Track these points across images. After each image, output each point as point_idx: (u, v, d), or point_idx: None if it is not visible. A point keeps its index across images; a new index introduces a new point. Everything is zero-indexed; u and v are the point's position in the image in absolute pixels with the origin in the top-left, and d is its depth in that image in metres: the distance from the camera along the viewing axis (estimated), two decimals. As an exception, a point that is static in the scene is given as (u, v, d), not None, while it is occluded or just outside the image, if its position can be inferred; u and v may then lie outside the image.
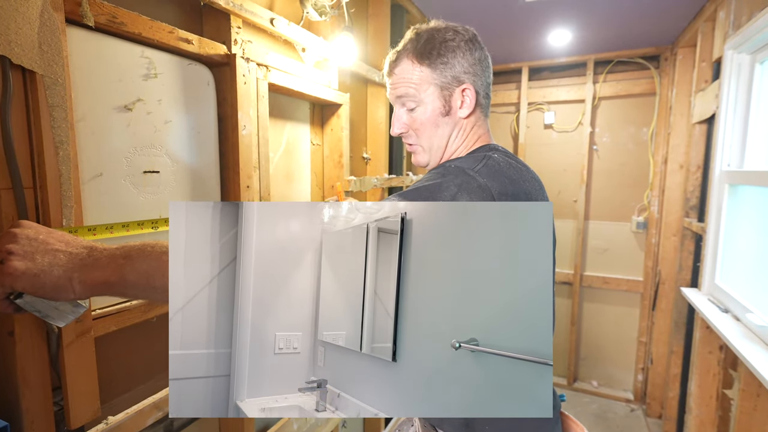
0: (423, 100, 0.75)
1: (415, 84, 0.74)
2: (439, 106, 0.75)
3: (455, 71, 0.74)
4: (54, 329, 0.72)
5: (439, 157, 0.80)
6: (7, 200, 0.66)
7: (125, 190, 0.87)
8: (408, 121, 0.78)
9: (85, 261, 0.54)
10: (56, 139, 0.70)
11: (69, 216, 0.73)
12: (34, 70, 0.67)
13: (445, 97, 0.75)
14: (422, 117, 0.76)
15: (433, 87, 0.74)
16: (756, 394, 1.41)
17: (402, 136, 0.81)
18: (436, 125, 0.76)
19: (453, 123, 0.77)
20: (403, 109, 0.78)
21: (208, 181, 1.08)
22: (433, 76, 0.74)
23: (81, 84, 0.78)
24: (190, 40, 0.97)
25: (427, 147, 0.79)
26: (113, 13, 0.80)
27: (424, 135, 0.77)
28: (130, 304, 0.88)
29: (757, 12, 1.50)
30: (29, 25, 0.66)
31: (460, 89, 0.75)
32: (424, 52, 0.73)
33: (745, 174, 1.61)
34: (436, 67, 0.73)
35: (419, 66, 0.74)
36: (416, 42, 0.75)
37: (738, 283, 1.65)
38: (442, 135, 0.77)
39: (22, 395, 0.69)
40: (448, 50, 0.73)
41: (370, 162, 1.96)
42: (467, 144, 0.79)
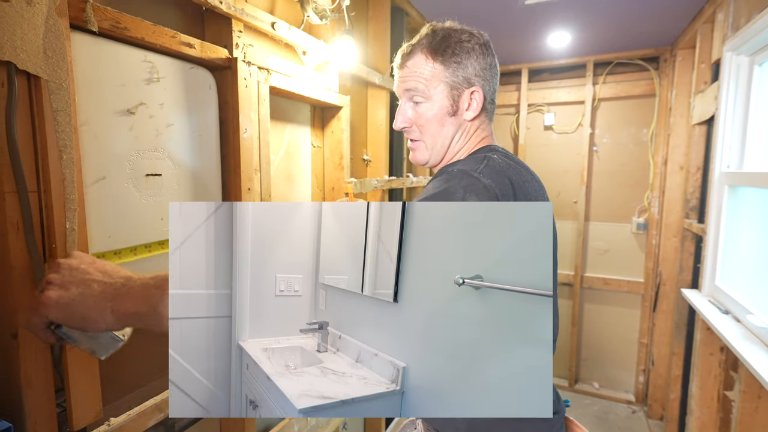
0: (432, 97, 0.75)
1: (426, 79, 0.74)
2: (447, 105, 0.75)
3: (467, 72, 0.74)
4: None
5: (440, 156, 0.79)
6: (12, 204, 0.67)
7: (128, 193, 0.88)
8: (413, 116, 0.77)
9: (120, 291, 0.53)
10: (60, 143, 0.71)
11: (72, 219, 0.73)
12: (38, 75, 0.68)
13: (453, 97, 0.75)
14: (428, 113, 0.75)
15: (443, 85, 0.74)
16: (757, 396, 1.41)
17: (404, 130, 0.81)
18: (442, 124, 0.76)
19: (458, 124, 0.77)
20: (409, 104, 0.77)
21: (210, 184, 1.09)
22: (445, 74, 0.74)
23: (84, 88, 0.79)
24: (192, 45, 0.98)
25: (430, 145, 0.78)
26: (117, 18, 0.81)
27: (428, 132, 0.77)
28: (133, 306, 0.88)
29: (755, 14, 1.51)
30: (34, 31, 0.67)
31: (469, 91, 0.75)
32: (439, 48, 0.73)
33: (745, 175, 1.62)
34: (449, 66, 0.73)
35: (432, 62, 0.74)
36: (432, 38, 0.74)
37: (738, 284, 1.65)
38: (446, 135, 0.77)
39: (26, 397, 0.70)
40: (462, 51, 0.73)
41: (371, 164, 1.97)
42: (469, 147, 0.79)
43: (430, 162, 0.81)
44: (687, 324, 2.25)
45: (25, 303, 0.51)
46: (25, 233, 0.68)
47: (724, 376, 1.73)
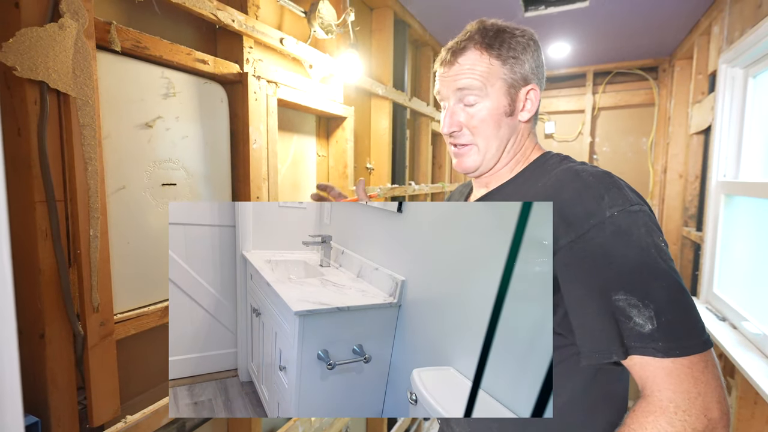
0: (489, 95, 0.67)
1: (483, 76, 0.67)
2: (504, 104, 0.68)
3: (524, 69, 0.68)
4: (80, 332, 0.77)
5: (492, 162, 0.71)
6: (42, 212, 0.72)
7: (145, 202, 0.93)
8: (464, 119, 0.69)
9: None
10: (86, 155, 0.76)
11: (96, 226, 0.78)
12: (68, 93, 0.73)
13: (511, 96, 0.68)
14: (484, 113, 0.68)
15: (501, 82, 0.67)
16: (753, 402, 1.43)
17: (452, 135, 0.72)
18: (498, 125, 0.68)
19: (513, 126, 0.70)
20: (460, 105, 0.70)
21: (221, 193, 1.14)
22: (503, 70, 0.67)
23: (107, 104, 0.84)
24: (206, 61, 1.03)
25: (483, 148, 0.70)
26: (138, 38, 0.86)
27: (482, 134, 0.69)
28: (148, 309, 0.93)
29: (748, 28, 1.55)
30: (65, 53, 0.72)
31: (526, 89, 0.69)
32: (494, 44, 0.67)
33: (740, 185, 1.65)
34: (506, 61, 0.67)
35: (488, 57, 0.67)
36: (484, 33, 0.68)
37: (735, 291, 1.68)
38: (502, 137, 0.69)
39: (51, 394, 0.74)
40: (519, 46, 0.67)
41: (374, 172, 2.02)
42: (525, 152, 0.72)
43: (480, 168, 0.72)
44: (687, 331, 2.27)
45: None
46: (52, 240, 0.73)
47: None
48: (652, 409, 0.51)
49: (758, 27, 1.45)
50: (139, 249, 0.93)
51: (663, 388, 0.51)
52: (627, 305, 0.53)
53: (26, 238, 0.71)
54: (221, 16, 1.04)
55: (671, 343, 0.50)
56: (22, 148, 0.70)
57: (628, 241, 0.54)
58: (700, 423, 0.48)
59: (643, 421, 0.51)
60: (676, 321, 0.51)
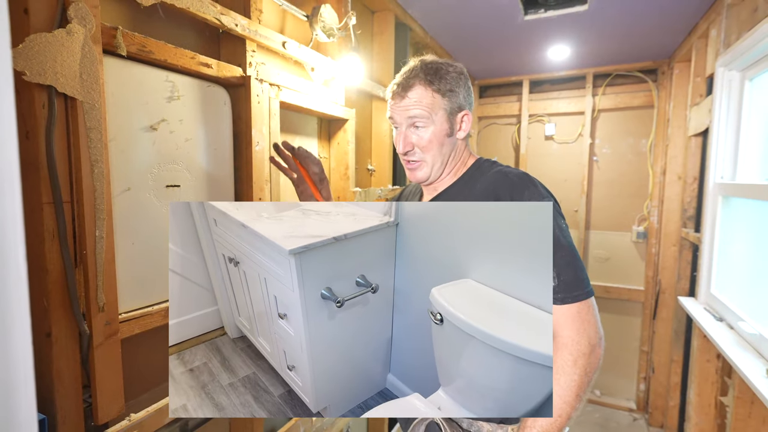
0: (434, 121, 0.85)
1: (428, 107, 0.84)
2: (446, 128, 0.86)
3: (459, 99, 0.86)
4: (86, 331, 0.79)
5: (439, 173, 0.90)
6: (49, 213, 0.73)
7: (149, 203, 0.94)
8: (415, 140, 0.87)
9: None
10: (92, 157, 0.78)
11: (101, 227, 0.80)
12: (75, 97, 0.75)
13: (450, 121, 0.86)
14: (430, 135, 0.85)
15: (442, 111, 0.85)
16: (750, 401, 1.45)
17: (406, 154, 0.90)
18: (441, 144, 0.86)
19: (452, 143, 0.89)
20: (411, 129, 0.87)
21: (224, 194, 1.15)
22: (443, 101, 0.85)
23: (113, 107, 0.86)
24: (210, 65, 1.05)
25: (431, 163, 0.88)
26: (143, 42, 0.88)
27: (430, 152, 0.87)
28: (152, 309, 0.94)
29: (745, 32, 1.57)
30: (72, 58, 0.74)
31: (461, 115, 0.88)
32: (434, 80, 0.84)
33: (737, 186, 1.67)
34: (445, 95, 0.85)
35: (431, 92, 0.84)
36: (426, 71, 0.85)
37: (732, 292, 1.70)
38: (445, 153, 0.88)
39: (57, 392, 0.75)
40: (452, 80, 0.85)
41: (375, 173, 2.03)
42: (462, 160, 0.92)
43: (430, 178, 0.90)
44: (685, 331, 2.29)
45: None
46: (59, 240, 0.75)
47: (720, 382, 1.76)
48: (559, 346, 0.73)
49: (754, 31, 1.46)
50: (144, 250, 0.94)
51: (564, 328, 0.73)
52: None
53: (34, 238, 0.73)
54: (225, 21, 1.06)
55: (566, 294, 0.73)
56: (31, 151, 0.71)
57: None
58: (585, 347, 0.72)
59: (555, 357, 0.73)
60: (569, 278, 0.73)
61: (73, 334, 0.78)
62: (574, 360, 0.71)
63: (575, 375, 0.71)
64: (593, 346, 0.73)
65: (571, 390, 0.71)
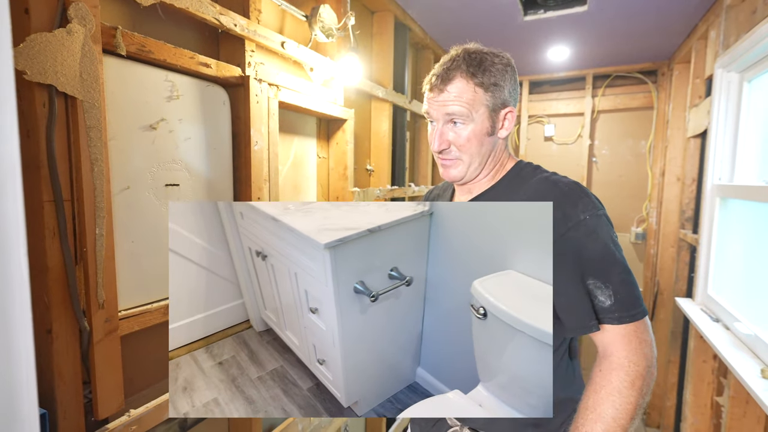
0: (474, 119, 0.77)
1: (469, 103, 0.76)
2: (487, 126, 0.78)
3: (503, 95, 0.78)
4: (86, 327, 0.80)
5: (476, 173, 0.82)
6: (50, 211, 0.74)
7: (149, 202, 0.95)
8: (453, 138, 0.79)
9: None
10: (92, 156, 0.79)
11: (101, 225, 0.81)
12: (75, 96, 0.76)
13: (492, 118, 0.78)
14: (469, 134, 0.78)
15: (484, 108, 0.77)
16: (745, 401, 1.45)
17: (441, 152, 0.82)
18: (481, 143, 0.79)
19: (493, 142, 0.81)
20: (448, 125, 0.79)
21: (223, 193, 1.16)
22: (485, 97, 0.76)
23: (113, 106, 0.87)
24: (209, 65, 1.06)
25: (468, 162, 0.80)
26: (142, 42, 0.89)
27: (467, 151, 0.79)
28: (152, 306, 0.95)
29: (743, 33, 1.57)
30: (72, 57, 0.75)
31: (505, 112, 0.79)
32: (477, 72, 0.76)
33: (735, 188, 1.67)
34: (488, 89, 0.76)
35: (473, 86, 0.76)
36: (469, 61, 0.77)
37: (728, 293, 1.70)
38: (485, 153, 0.80)
39: (57, 387, 0.76)
40: (498, 72, 0.77)
41: (374, 173, 2.04)
42: (502, 162, 0.84)
43: (465, 178, 0.83)
44: (682, 332, 2.29)
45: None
46: (60, 238, 0.76)
47: (716, 383, 1.77)
48: (614, 366, 0.68)
49: (752, 32, 1.47)
50: (143, 248, 0.95)
51: (620, 348, 0.69)
52: (595, 288, 0.70)
53: (35, 236, 0.74)
54: (224, 21, 1.07)
55: (623, 313, 0.69)
56: (31, 150, 0.72)
57: (596, 238, 0.71)
58: (643, 369, 0.68)
59: (609, 377, 0.68)
60: (625, 297, 0.69)
61: (73, 330, 0.79)
62: (631, 381, 0.66)
63: (632, 397, 0.66)
64: (649, 368, 0.68)
65: (627, 413, 0.66)
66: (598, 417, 0.66)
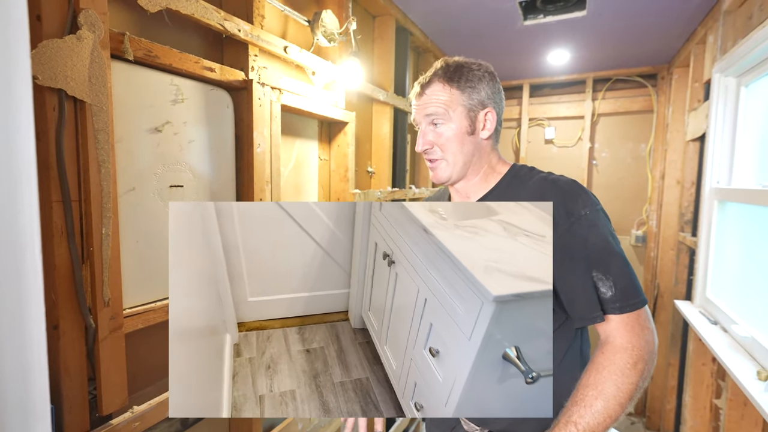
0: (452, 118, 0.81)
1: (445, 103, 0.81)
2: (465, 125, 0.81)
3: (480, 96, 0.82)
4: (91, 325, 0.82)
5: (462, 173, 0.84)
6: (58, 211, 0.77)
7: (153, 203, 0.98)
8: (433, 138, 0.83)
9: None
10: (100, 158, 0.81)
11: (108, 225, 0.83)
12: (84, 100, 0.78)
13: (471, 118, 0.82)
14: (449, 133, 0.81)
15: (461, 107, 0.81)
16: (743, 404, 1.46)
17: (426, 152, 0.86)
18: (462, 143, 0.82)
19: (475, 143, 0.83)
20: (430, 127, 0.83)
21: (225, 195, 1.18)
22: (462, 97, 0.81)
23: (120, 109, 0.89)
24: (213, 69, 1.08)
25: (452, 162, 0.83)
26: (149, 47, 0.91)
27: (449, 151, 0.82)
28: (155, 305, 0.98)
29: (740, 38, 1.59)
30: (82, 62, 0.77)
31: (484, 112, 0.83)
32: (454, 77, 0.81)
33: (732, 191, 1.69)
34: (464, 90, 0.81)
35: (449, 88, 0.81)
36: (446, 69, 0.82)
37: (726, 295, 1.71)
38: (467, 152, 0.83)
39: (63, 383, 0.78)
40: (474, 77, 0.82)
41: (375, 176, 2.06)
42: (491, 165, 0.86)
43: (451, 179, 0.85)
44: (682, 335, 2.30)
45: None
46: (67, 237, 0.78)
47: (715, 385, 1.78)
48: (618, 349, 0.70)
49: (749, 38, 1.48)
50: (148, 247, 0.97)
51: (623, 335, 0.71)
52: (597, 279, 0.72)
53: (43, 235, 0.76)
54: (228, 26, 1.09)
55: (624, 303, 0.71)
56: (42, 152, 0.75)
57: (596, 232, 0.74)
58: (647, 353, 0.70)
59: (612, 358, 0.69)
60: (626, 287, 0.71)
61: (79, 327, 0.81)
62: (634, 363, 0.68)
63: (634, 377, 0.67)
64: (651, 353, 0.70)
65: (627, 393, 0.67)
66: (599, 393, 0.67)
